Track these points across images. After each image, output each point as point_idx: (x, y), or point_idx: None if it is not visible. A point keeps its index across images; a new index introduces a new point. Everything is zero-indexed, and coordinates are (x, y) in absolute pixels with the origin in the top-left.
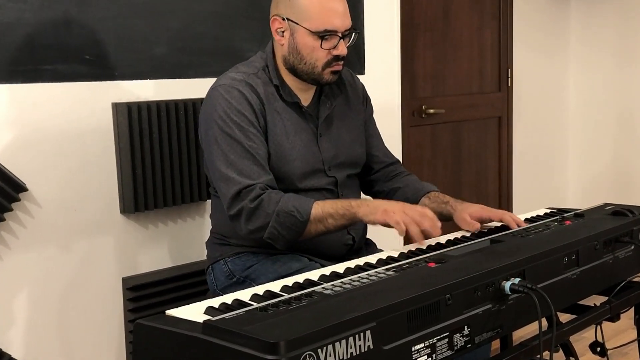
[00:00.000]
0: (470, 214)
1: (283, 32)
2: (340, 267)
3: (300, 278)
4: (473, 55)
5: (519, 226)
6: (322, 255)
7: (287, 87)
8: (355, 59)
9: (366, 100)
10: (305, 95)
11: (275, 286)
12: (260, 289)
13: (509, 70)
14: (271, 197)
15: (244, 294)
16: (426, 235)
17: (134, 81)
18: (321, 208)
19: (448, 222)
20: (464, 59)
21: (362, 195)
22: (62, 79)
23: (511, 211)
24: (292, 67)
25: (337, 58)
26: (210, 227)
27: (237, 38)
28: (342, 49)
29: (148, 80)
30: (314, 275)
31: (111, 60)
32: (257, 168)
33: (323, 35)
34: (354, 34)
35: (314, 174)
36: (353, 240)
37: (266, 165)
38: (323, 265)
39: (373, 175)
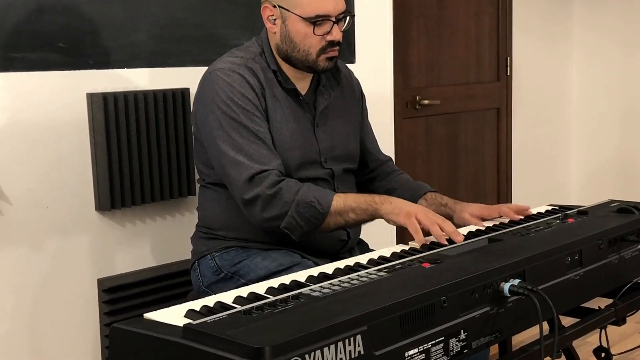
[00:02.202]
0: (471, 213)
1: (275, 19)
2: (329, 268)
3: (286, 279)
4: (470, 42)
5: (520, 215)
6: (315, 251)
7: (284, 74)
8: (345, 46)
9: (362, 96)
10: (301, 84)
11: (260, 288)
12: (244, 291)
13: (508, 58)
14: (290, 185)
15: (227, 296)
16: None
17: (111, 70)
18: (343, 201)
19: None
20: (461, 47)
21: None
22: (34, 68)
23: None
24: (286, 56)
25: (331, 44)
26: (196, 222)
27: (220, 25)
28: (336, 34)
29: (125, 69)
30: (301, 276)
31: (86, 48)
32: (267, 152)
33: (315, 20)
34: (348, 17)
35: (310, 164)
36: (348, 236)
37: (273, 149)
38: (316, 262)
39: (369, 174)
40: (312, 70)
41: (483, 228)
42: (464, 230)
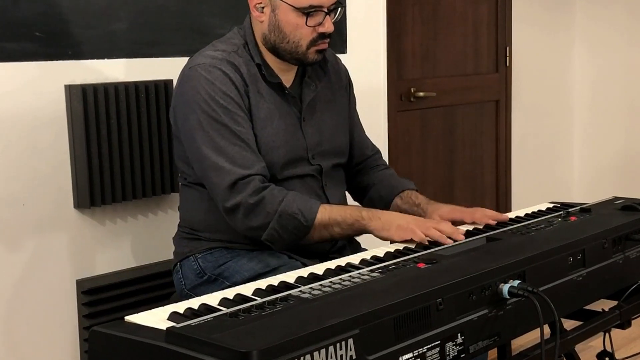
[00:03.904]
0: (441, 215)
1: (263, 8)
2: (319, 269)
3: (274, 280)
4: (467, 32)
5: (497, 222)
6: (303, 252)
7: (269, 67)
8: (336, 35)
9: (350, 85)
10: (286, 77)
11: (247, 289)
12: (230, 293)
13: (508, 48)
14: (274, 194)
15: (213, 298)
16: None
17: (90, 61)
18: (328, 213)
19: None
20: (458, 36)
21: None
22: (9, 59)
23: (510, 206)
24: (273, 47)
25: (322, 36)
26: (178, 221)
27: (205, 13)
28: (329, 26)
29: (105, 59)
30: (290, 277)
31: (64, 38)
32: (250, 155)
33: (308, 11)
34: (339, 9)
35: (297, 162)
36: None
37: (257, 151)
38: (304, 264)
39: (354, 167)
40: (300, 62)
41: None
42: (461, 230)
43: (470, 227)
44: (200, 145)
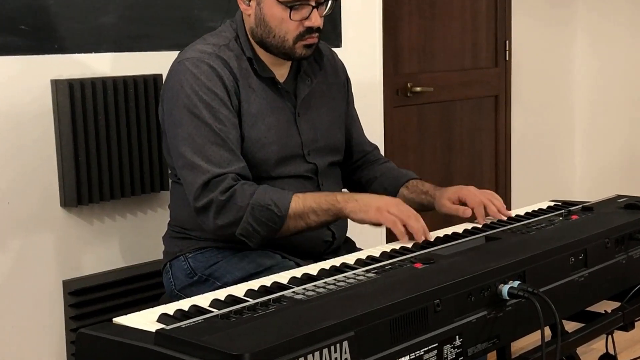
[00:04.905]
0: (449, 197)
1: (249, 1)
2: (313, 269)
3: (267, 281)
4: (466, 24)
5: (503, 215)
6: (297, 252)
7: (260, 61)
8: (330, 29)
9: (348, 82)
10: (280, 71)
11: (239, 290)
12: (221, 294)
13: (507, 42)
14: (244, 188)
15: (203, 299)
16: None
17: (77, 55)
18: (302, 202)
19: (430, 212)
20: (456, 29)
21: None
22: None
23: (509, 205)
24: (261, 41)
25: (310, 30)
26: (168, 220)
27: (196, 6)
28: (315, 20)
29: (93, 53)
30: (283, 277)
31: (50, 31)
32: (228, 154)
33: (292, 4)
34: (330, 1)
35: (291, 159)
36: (333, 236)
37: (238, 151)
38: (298, 264)
39: (353, 164)
40: (288, 57)
41: (469, 217)
42: (460, 229)
43: (469, 227)
44: (178, 142)
